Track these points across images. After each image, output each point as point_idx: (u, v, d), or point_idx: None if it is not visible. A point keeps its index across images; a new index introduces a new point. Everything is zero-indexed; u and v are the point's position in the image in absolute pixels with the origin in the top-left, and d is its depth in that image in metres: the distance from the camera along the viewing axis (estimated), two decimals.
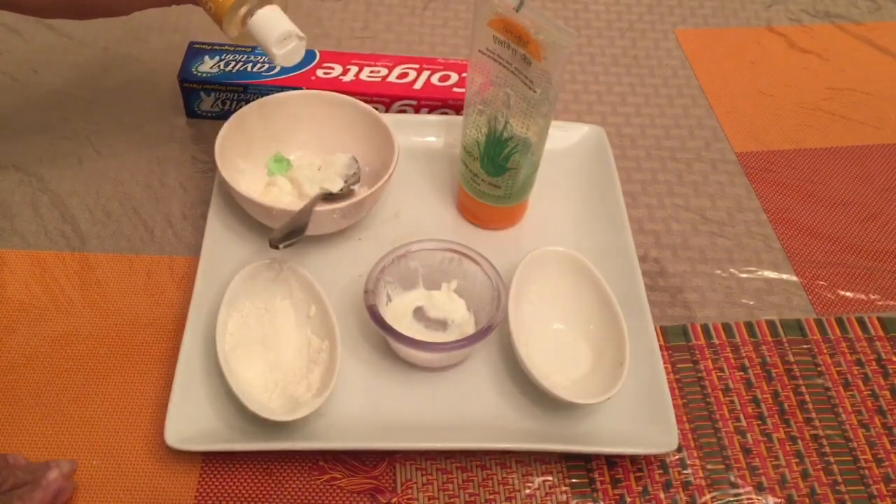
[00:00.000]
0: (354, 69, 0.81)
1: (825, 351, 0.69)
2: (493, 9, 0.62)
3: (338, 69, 0.81)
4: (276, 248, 0.61)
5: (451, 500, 0.59)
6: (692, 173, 0.82)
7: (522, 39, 0.61)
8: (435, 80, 0.81)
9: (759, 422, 0.64)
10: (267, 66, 0.80)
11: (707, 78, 0.92)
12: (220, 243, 0.69)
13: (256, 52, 0.82)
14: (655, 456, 0.61)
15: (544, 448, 0.60)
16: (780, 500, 0.60)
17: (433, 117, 0.80)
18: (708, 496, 0.60)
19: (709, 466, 0.61)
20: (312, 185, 0.70)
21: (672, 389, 0.64)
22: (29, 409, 0.61)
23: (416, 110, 0.81)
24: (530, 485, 0.60)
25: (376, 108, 0.74)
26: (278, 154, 0.73)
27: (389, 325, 0.60)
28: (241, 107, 0.72)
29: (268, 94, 0.73)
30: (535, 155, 0.68)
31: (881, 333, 0.70)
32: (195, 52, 0.81)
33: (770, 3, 1.02)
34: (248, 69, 0.80)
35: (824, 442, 0.63)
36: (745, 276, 0.74)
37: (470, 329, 0.65)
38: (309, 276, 0.64)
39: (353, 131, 0.74)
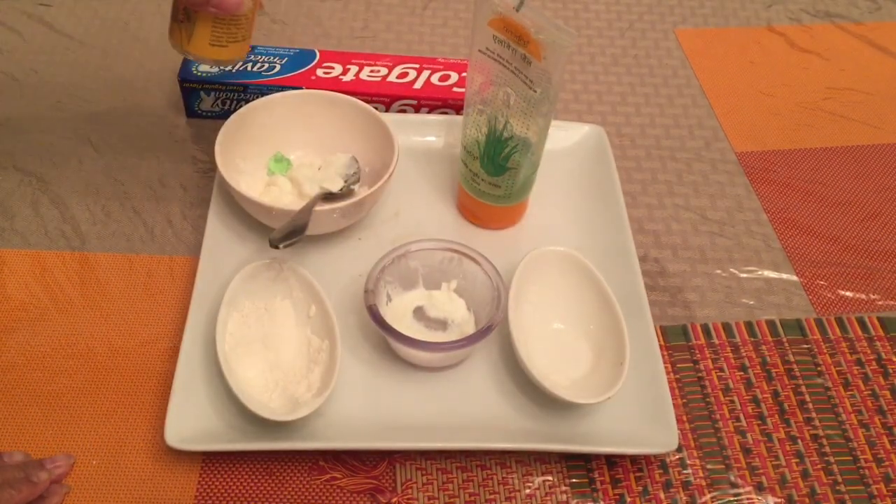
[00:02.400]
0: (354, 69, 0.81)
1: (825, 351, 0.69)
2: (494, 8, 0.62)
3: (338, 69, 0.81)
4: (277, 247, 0.61)
5: (451, 499, 0.59)
6: (692, 173, 0.82)
7: (522, 39, 0.61)
8: (435, 79, 0.81)
9: (759, 422, 0.64)
10: (267, 65, 0.80)
11: (707, 78, 0.92)
12: (220, 243, 0.69)
13: (257, 51, 0.82)
14: (655, 456, 0.61)
15: (544, 448, 0.60)
16: (780, 500, 0.60)
17: (433, 117, 0.80)
18: (708, 496, 0.60)
19: (709, 466, 0.61)
20: (312, 185, 0.70)
21: (672, 389, 0.64)
22: (29, 408, 0.61)
23: (416, 110, 0.81)
24: (530, 485, 0.60)
25: (376, 108, 0.74)
26: (279, 154, 0.73)
27: (389, 325, 0.60)
28: (241, 106, 0.72)
29: (268, 94, 0.73)
30: (535, 155, 0.68)
31: (881, 333, 0.70)
32: None
33: (770, 3, 1.02)
34: (248, 69, 0.80)
35: (824, 442, 0.63)
36: (745, 275, 0.74)
37: (470, 329, 0.65)
38: (309, 276, 0.64)
39: (353, 131, 0.74)
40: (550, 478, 0.60)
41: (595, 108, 0.88)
